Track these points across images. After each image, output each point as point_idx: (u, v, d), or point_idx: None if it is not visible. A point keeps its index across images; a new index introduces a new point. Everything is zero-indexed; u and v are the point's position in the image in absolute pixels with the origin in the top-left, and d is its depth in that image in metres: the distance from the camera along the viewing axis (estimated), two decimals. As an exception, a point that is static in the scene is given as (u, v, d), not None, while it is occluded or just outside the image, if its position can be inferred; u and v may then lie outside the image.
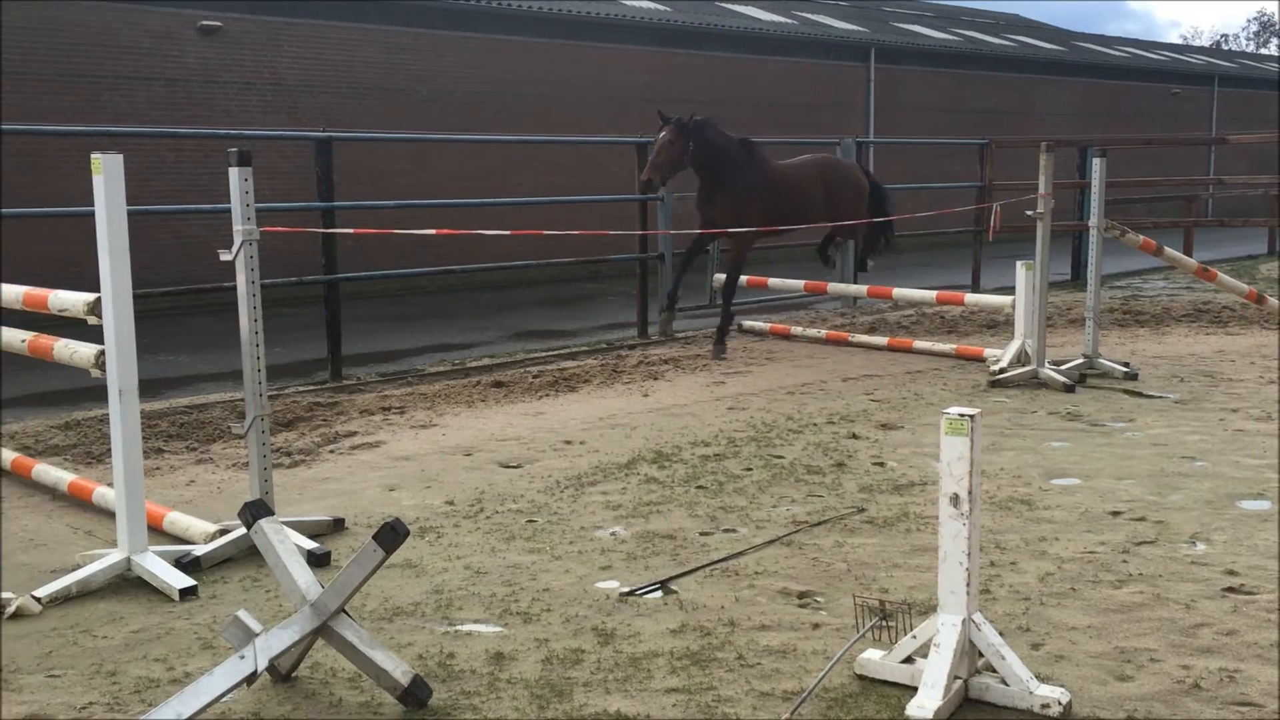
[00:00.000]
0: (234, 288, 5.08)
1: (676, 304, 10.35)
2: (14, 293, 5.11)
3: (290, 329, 12.51)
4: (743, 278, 11.58)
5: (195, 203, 14.76)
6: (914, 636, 3.60)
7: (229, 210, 4.95)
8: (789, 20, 27.74)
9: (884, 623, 3.80)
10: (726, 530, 5.27)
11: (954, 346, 10.15)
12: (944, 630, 3.46)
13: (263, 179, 5.05)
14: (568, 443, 7.05)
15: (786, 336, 11.20)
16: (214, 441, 7.16)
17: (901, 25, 32.30)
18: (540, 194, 17.70)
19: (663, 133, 9.69)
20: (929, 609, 4.05)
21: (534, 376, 9.21)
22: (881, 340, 10.62)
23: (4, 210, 12.87)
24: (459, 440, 7.16)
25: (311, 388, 8.99)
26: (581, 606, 4.34)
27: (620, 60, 22.43)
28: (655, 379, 9.14)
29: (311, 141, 9.35)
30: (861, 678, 3.68)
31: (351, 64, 18.70)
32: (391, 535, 3.41)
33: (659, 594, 4.47)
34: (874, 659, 3.68)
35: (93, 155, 4.52)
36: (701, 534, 5.22)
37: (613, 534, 5.24)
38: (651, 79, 22.69)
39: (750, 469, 6.34)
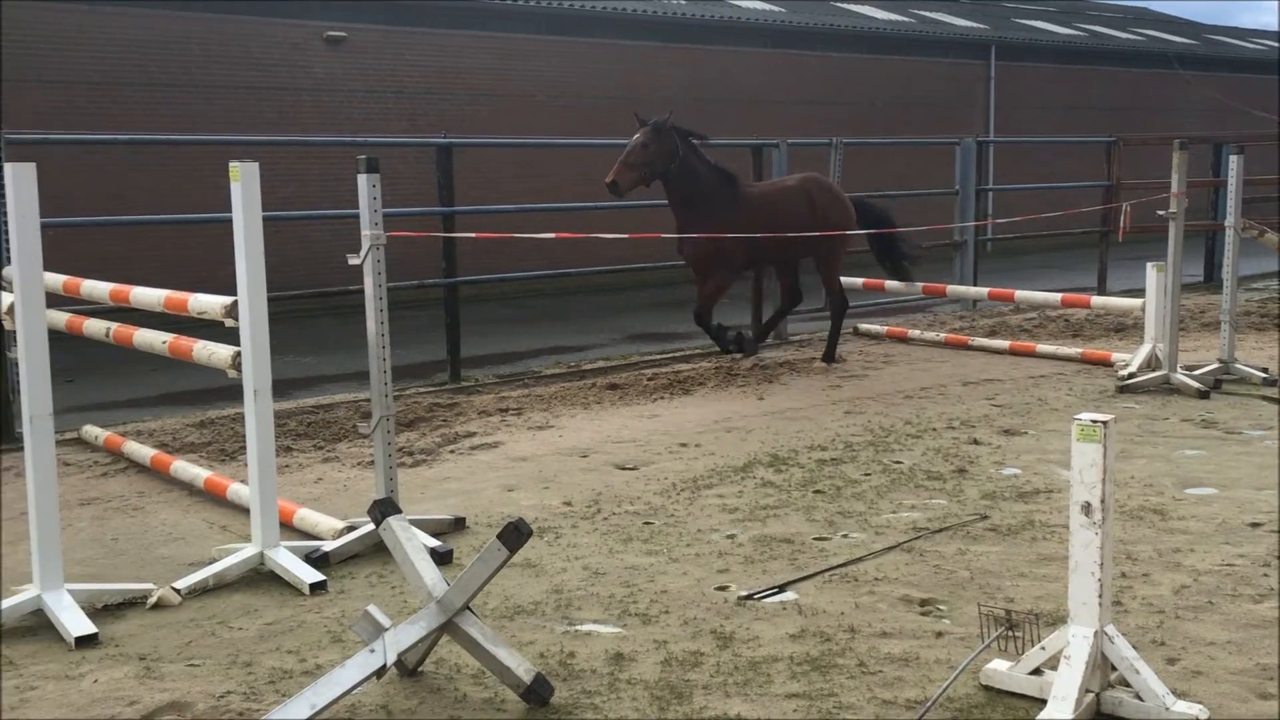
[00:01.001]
0: (358, 291, 5.21)
1: (757, 340, 10.06)
2: (155, 296, 5.32)
3: (410, 331, 12.78)
4: (858, 280, 11.46)
5: (320, 208, 15.21)
6: (1043, 648, 3.51)
7: (353, 215, 5.08)
8: (906, 19, 27.33)
9: (1010, 633, 3.72)
10: (844, 535, 5.22)
11: (1079, 350, 9.86)
12: (1075, 642, 3.36)
13: (385, 184, 5.18)
14: (683, 445, 7.05)
15: (904, 340, 11.03)
16: (339, 440, 7.36)
17: (1023, 21, 31.54)
18: (653, 198, 17.74)
19: (637, 134, 8.86)
20: (1057, 620, 3.95)
21: (648, 379, 9.24)
22: (1003, 344, 10.38)
23: (148, 217, 13.37)
24: (575, 442, 7.23)
25: (431, 389, 9.18)
26: (700, 609, 4.34)
27: (735, 62, 22.39)
28: (770, 382, 9.09)
29: (433, 148, 9.55)
30: (987, 688, 3.60)
31: (470, 70, 19.05)
32: (515, 535, 3.45)
33: (778, 598, 4.44)
34: (1000, 670, 3.59)
35: (231, 164, 4.69)
36: (818, 539, 5.17)
37: (729, 537, 5.23)
38: (765, 80, 22.61)
39: (868, 474, 6.26)
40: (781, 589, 4.53)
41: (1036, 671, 3.52)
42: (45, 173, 4.40)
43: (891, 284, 11.16)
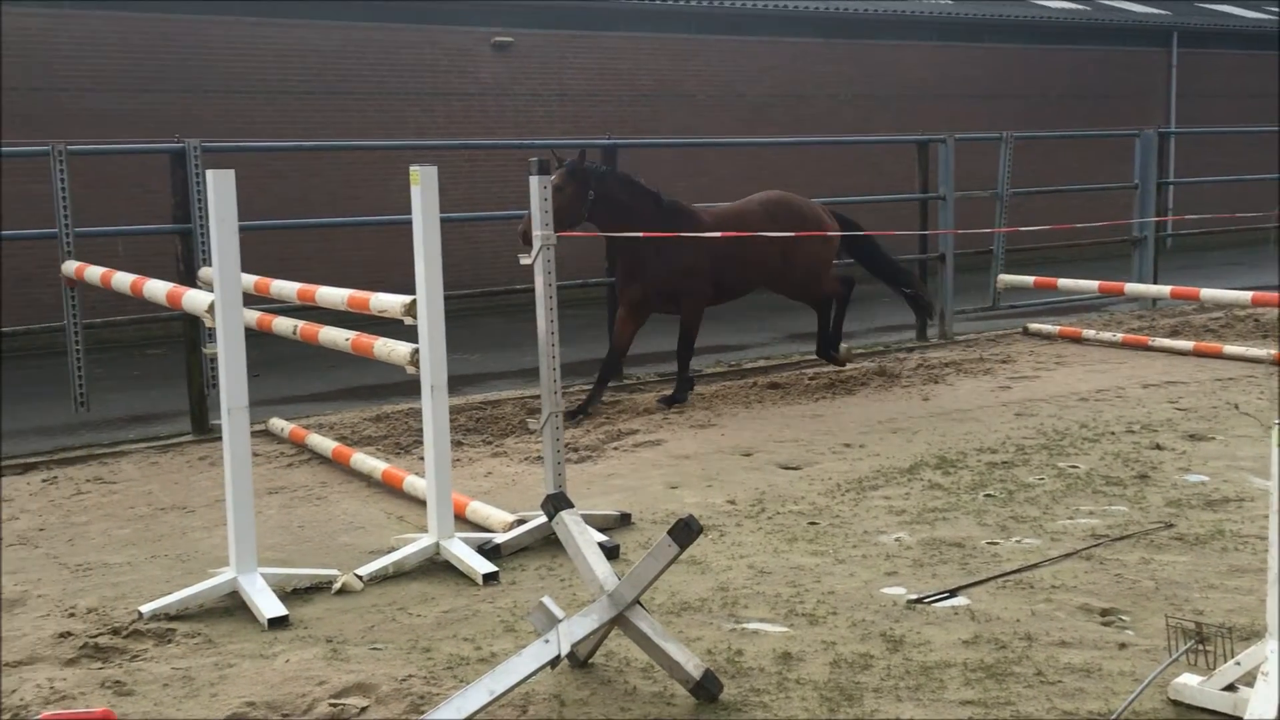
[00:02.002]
0: (522, 290, 5.33)
1: (582, 415, 8.13)
2: (339, 295, 5.56)
3: (573, 330, 12.98)
4: (1028, 278, 11.10)
5: (485, 210, 15.61)
6: (1238, 663, 3.35)
7: (520, 216, 5.19)
8: (1081, 6, 26.30)
9: (1200, 646, 3.55)
10: (1018, 541, 5.07)
11: (1272, 352, 9.32)
12: (1274, 657, 3.19)
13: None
14: (846, 445, 6.98)
15: (1077, 340, 10.63)
16: (507, 436, 7.55)
17: (1207, 6, 29.95)
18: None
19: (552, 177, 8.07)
20: (1251, 634, 3.75)
21: (810, 378, 9.17)
22: (1187, 344, 9.90)
23: (330, 220, 13.96)
24: (738, 440, 7.23)
25: (593, 387, 9.30)
26: (868, 611, 4.29)
27: (899, 56, 21.98)
28: (935, 382, 8.89)
29: (598, 149, 9.69)
30: (1175, 703, 3.45)
31: (632, 72, 19.24)
32: (686, 531, 3.48)
33: (949, 603, 4.35)
34: (1190, 684, 3.44)
35: (411, 168, 4.87)
36: (990, 543, 5.05)
37: (897, 539, 5.15)
38: (932, 74, 22.13)
39: (1042, 478, 6.07)
40: (953, 593, 4.43)
41: (1230, 688, 3.36)
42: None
43: (1065, 281, 10.78)
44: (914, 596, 4.41)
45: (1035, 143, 17.70)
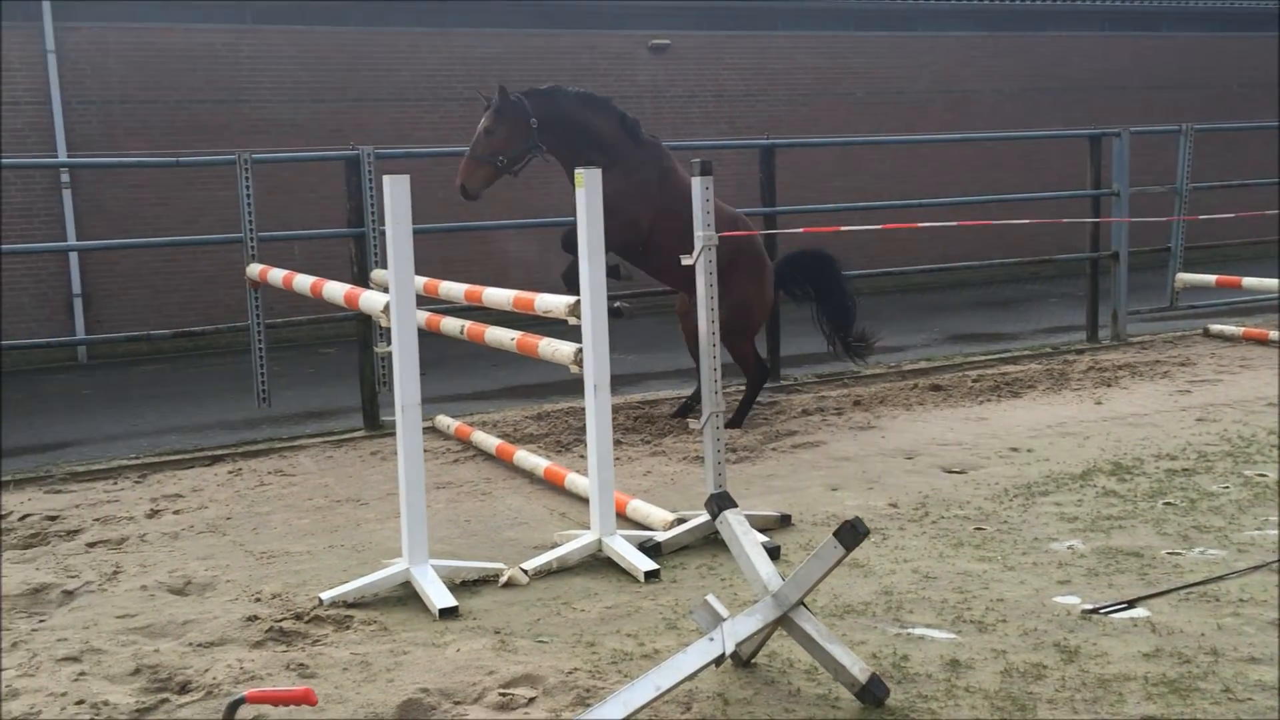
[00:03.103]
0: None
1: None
2: (504, 296, 5.70)
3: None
4: (1210, 277, 10.57)
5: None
6: None
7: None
8: (1264, -10, 24.88)
9: None
10: (1201, 551, 4.84)
11: None
12: None
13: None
14: (1014, 450, 6.78)
15: (1263, 342, 10.07)
16: (665, 435, 7.59)
17: None
18: (979, 194, 17.16)
19: (481, 119, 7.15)
20: None
21: (973, 380, 8.94)
22: (1386, 347, 9.27)
23: (494, 223, 14.22)
24: (899, 443, 7.10)
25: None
26: (1040, 620, 4.16)
27: (1067, 49, 21.22)
28: (1109, 385, 8.56)
29: (756, 149, 9.68)
30: (1380, 729, 3.24)
31: (789, 71, 19.11)
32: (852, 534, 3.45)
33: (1127, 614, 4.18)
34: (1397, 709, 3.22)
35: (576, 170, 4.95)
36: (1171, 553, 4.83)
37: (1069, 547, 4.98)
38: (1103, 66, 21.28)
39: (1226, 486, 5.78)
40: (1131, 604, 4.26)
41: None
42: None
43: (1250, 280, 10.22)
44: (1089, 606, 4.26)
45: (1217, 135, 16.83)
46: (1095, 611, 4.21)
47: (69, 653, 4.07)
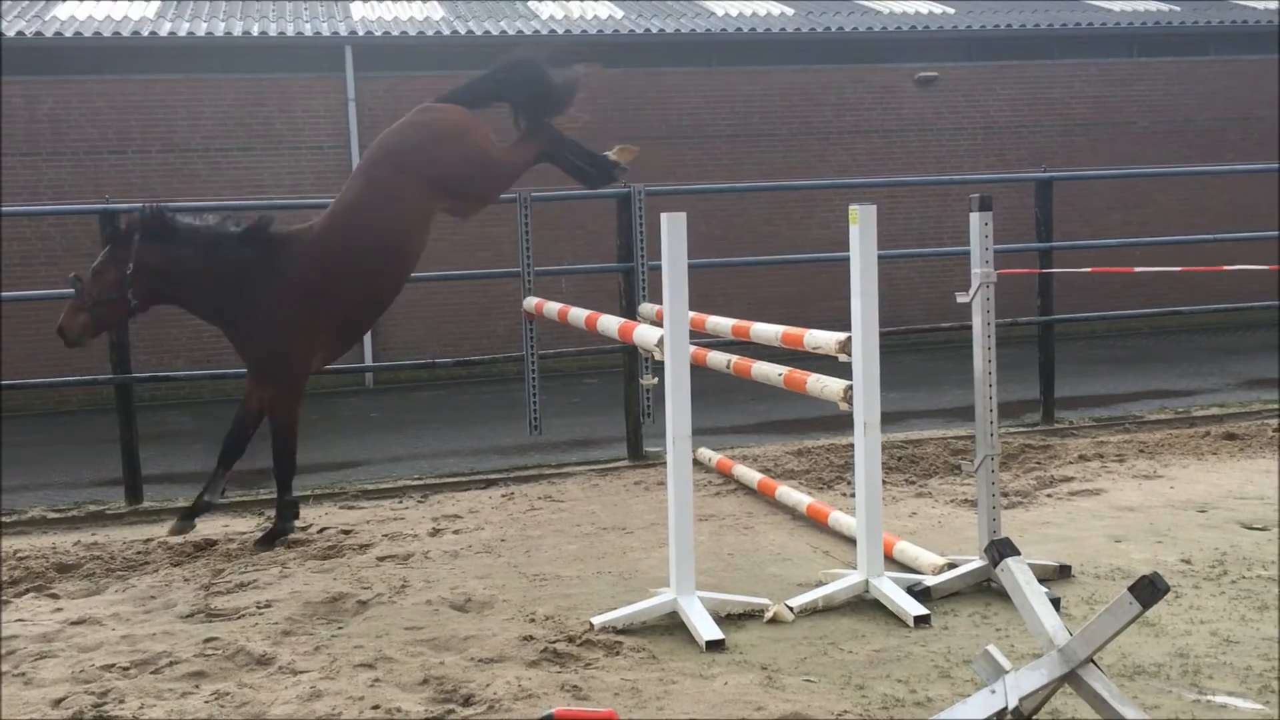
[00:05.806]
0: (941, 329, 5.18)
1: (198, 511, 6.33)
2: (772, 331, 5.70)
3: (999, 369, 12.52)
4: None
5: (903, 246, 15.45)
6: None
7: (935, 254, 5.09)
8: None
9: None
10: None
11: None
12: None
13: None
14: (1326, 507, 6.18)
15: None
16: (930, 476, 7.38)
17: None
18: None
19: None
20: None
21: (1274, 430, 8.23)
22: None
23: (769, 258, 14.26)
24: (1190, 494, 6.62)
25: (1023, 429, 8.90)
26: (1364, 698, 3.77)
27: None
28: None
29: (1031, 182, 9.32)
30: None
31: (1063, 100, 18.35)
32: (1150, 590, 3.24)
33: None
34: None
35: (850, 207, 4.92)
36: None
37: (1397, 619, 4.48)
38: None
39: None
40: None
41: None
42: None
43: None
44: None
45: None
46: None
47: (364, 659, 4.35)
